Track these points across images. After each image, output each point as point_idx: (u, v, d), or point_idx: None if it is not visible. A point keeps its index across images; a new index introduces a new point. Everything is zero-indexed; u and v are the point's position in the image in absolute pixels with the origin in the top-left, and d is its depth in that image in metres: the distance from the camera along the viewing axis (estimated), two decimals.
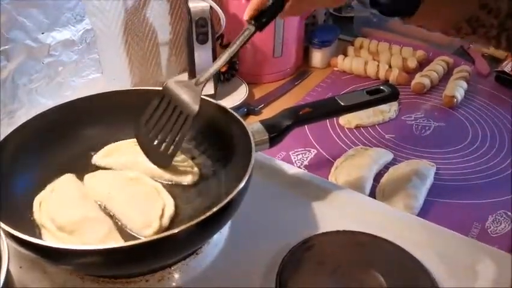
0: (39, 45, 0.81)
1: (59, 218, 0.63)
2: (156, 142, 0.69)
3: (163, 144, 0.69)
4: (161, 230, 0.63)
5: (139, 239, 0.62)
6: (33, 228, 0.64)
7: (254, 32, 0.67)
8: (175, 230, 0.53)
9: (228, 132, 0.74)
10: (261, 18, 0.66)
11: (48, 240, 0.61)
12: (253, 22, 0.66)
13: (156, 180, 0.71)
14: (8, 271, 0.46)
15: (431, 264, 0.65)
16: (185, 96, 0.68)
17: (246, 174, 0.60)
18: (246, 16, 0.66)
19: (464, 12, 0.58)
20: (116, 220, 0.65)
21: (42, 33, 0.81)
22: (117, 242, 0.61)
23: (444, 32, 0.63)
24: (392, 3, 0.60)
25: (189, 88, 0.68)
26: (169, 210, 0.66)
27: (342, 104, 0.73)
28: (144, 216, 0.63)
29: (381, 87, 0.76)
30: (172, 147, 0.68)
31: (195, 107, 0.66)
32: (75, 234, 0.61)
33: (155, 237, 0.54)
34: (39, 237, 0.62)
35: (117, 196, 0.67)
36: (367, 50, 1.34)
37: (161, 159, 0.70)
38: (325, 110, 0.75)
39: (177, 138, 0.67)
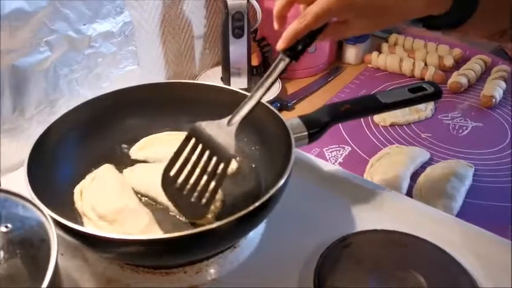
0: (81, 36, 0.82)
1: (100, 207, 0.64)
2: (185, 192, 0.61)
3: (195, 194, 0.61)
4: (216, 214, 0.64)
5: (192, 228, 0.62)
6: (76, 217, 0.65)
7: (289, 63, 0.60)
8: (215, 225, 0.53)
9: (266, 126, 0.74)
10: (296, 48, 0.59)
11: (90, 228, 0.62)
12: (288, 53, 0.59)
13: None
14: (57, 258, 0.47)
15: (470, 265, 0.64)
16: (217, 138, 0.60)
17: (287, 171, 0.60)
18: (280, 46, 0.59)
19: None
20: (169, 210, 0.66)
21: (84, 25, 0.82)
22: (157, 233, 0.62)
23: (486, 39, 0.61)
24: (442, 19, 0.56)
25: (221, 129, 0.61)
26: (219, 194, 0.66)
27: (383, 101, 0.72)
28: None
29: (423, 85, 0.74)
30: (206, 196, 0.60)
31: (230, 151, 0.59)
32: (116, 224, 0.62)
33: (195, 230, 0.53)
34: (81, 225, 0.63)
35: None
36: (401, 46, 1.32)
37: (193, 210, 0.62)
38: (365, 107, 0.74)
39: (211, 186, 0.59)
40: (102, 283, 0.62)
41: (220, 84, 1.08)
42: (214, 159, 0.60)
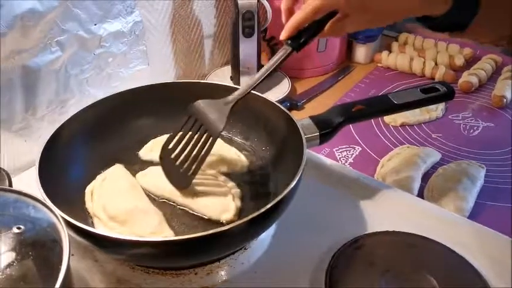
0: (92, 36, 0.82)
1: (110, 208, 0.64)
2: (177, 163, 0.66)
3: (185, 165, 0.65)
4: (238, 211, 0.65)
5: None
6: (86, 217, 0.65)
7: (290, 53, 0.63)
8: (226, 227, 0.53)
9: (277, 126, 0.74)
10: (299, 39, 0.62)
11: (101, 229, 0.62)
12: (289, 42, 0.63)
13: None
14: (69, 259, 0.47)
15: (482, 267, 0.63)
16: (212, 115, 0.64)
17: (298, 173, 0.60)
18: (282, 36, 0.62)
19: None
20: (191, 211, 0.67)
21: (95, 25, 0.82)
22: (167, 233, 0.62)
23: (494, 44, 0.61)
24: (443, 20, 0.57)
25: (217, 107, 0.65)
26: (237, 191, 0.68)
27: (395, 102, 0.72)
28: (220, 202, 0.65)
29: (436, 86, 0.74)
30: (193, 168, 0.65)
31: (220, 126, 0.63)
32: (127, 225, 0.62)
33: (206, 232, 0.53)
34: (92, 226, 0.64)
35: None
36: (412, 46, 1.31)
37: (180, 180, 0.67)
38: (377, 107, 0.73)
39: (198, 159, 0.64)
40: (113, 284, 0.62)
41: (230, 83, 1.08)
42: (206, 134, 0.64)
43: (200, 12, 1.08)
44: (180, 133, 0.66)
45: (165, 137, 0.78)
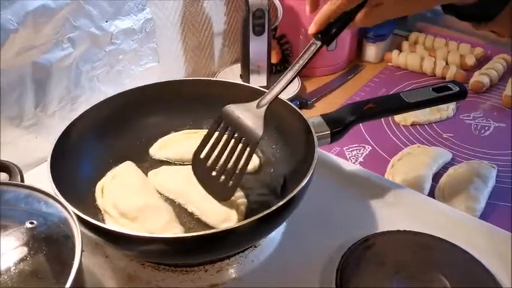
0: (103, 33, 0.82)
1: (121, 204, 0.64)
2: (214, 173, 0.62)
3: (223, 175, 0.61)
4: (245, 212, 0.64)
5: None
6: (97, 213, 0.65)
7: (320, 47, 0.60)
8: (237, 225, 0.53)
9: (287, 125, 0.74)
10: (329, 32, 0.59)
11: (112, 226, 0.62)
12: (319, 36, 0.59)
13: None
14: (81, 255, 0.47)
15: (493, 267, 0.62)
16: (246, 120, 0.61)
17: (309, 171, 0.59)
18: (311, 30, 0.59)
19: None
20: (195, 215, 0.66)
21: (106, 22, 0.82)
22: (178, 230, 0.62)
23: None
24: (473, 9, 0.56)
25: (250, 111, 0.61)
26: (243, 201, 0.66)
27: (407, 101, 0.71)
28: (223, 211, 0.63)
29: (448, 85, 0.73)
30: (233, 178, 0.61)
31: (259, 133, 0.59)
32: (137, 222, 0.62)
33: (217, 230, 0.53)
34: (103, 222, 0.64)
35: (191, 192, 0.66)
36: (422, 45, 1.31)
37: (220, 191, 0.62)
38: (389, 106, 0.73)
39: (238, 168, 0.60)
40: (123, 280, 0.62)
41: (240, 81, 1.08)
42: (243, 141, 0.60)
43: (210, 9, 1.08)
44: (212, 140, 0.63)
45: (174, 135, 0.79)
